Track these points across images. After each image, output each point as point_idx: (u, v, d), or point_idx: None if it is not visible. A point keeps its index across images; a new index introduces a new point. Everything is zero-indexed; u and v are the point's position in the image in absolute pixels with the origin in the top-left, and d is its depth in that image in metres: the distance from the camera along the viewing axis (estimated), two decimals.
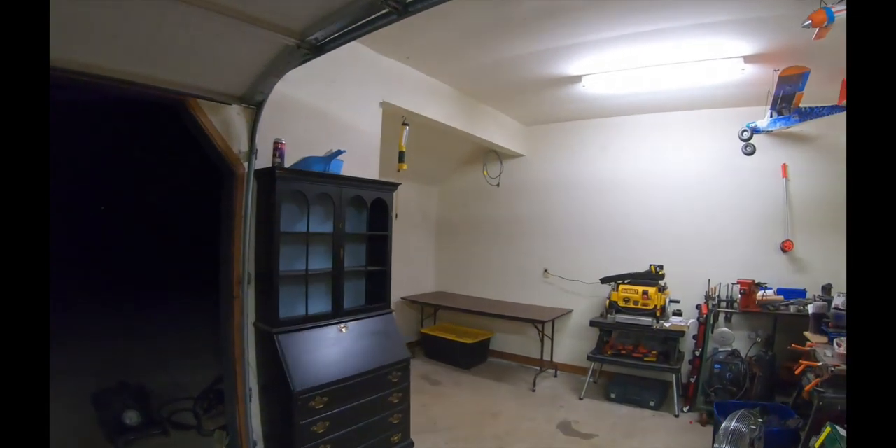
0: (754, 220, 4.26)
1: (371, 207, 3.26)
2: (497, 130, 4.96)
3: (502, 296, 5.50)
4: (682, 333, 3.94)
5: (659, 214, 4.64)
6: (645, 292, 4.05)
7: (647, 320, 4.01)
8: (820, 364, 2.59)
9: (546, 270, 5.23)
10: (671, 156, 4.63)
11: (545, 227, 5.31)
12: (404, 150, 3.76)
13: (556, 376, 4.89)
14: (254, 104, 2.69)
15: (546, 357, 4.93)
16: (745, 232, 4.28)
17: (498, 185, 5.25)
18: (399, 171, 3.75)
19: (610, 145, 4.95)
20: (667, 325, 4.00)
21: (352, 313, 3.05)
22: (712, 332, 3.94)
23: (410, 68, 3.81)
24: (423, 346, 5.49)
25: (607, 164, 4.96)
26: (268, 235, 2.71)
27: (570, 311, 4.98)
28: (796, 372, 2.86)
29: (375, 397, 2.90)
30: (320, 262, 3.00)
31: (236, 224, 2.70)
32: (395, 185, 3.32)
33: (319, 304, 2.97)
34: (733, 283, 4.04)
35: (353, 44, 3.42)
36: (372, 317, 3.15)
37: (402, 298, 5.45)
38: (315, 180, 2.85)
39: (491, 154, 5.14)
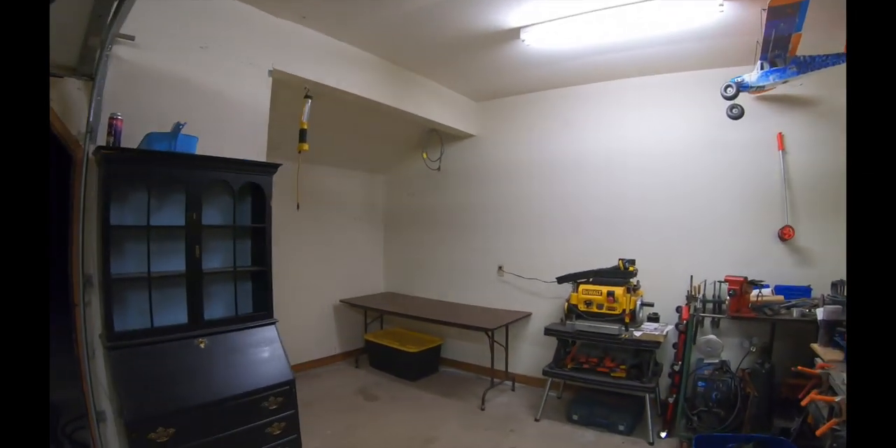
0: (746, 202, 3.50)
1: (242, 194, 2.66)
2: (440, 107, 4.27)
3: (455, 297, 4.80)
4: (657, 345, 3.22)
5: (631, 200, 3.90)
6: (610, 293, 3.33)
7: (613, 328, 3.29)
8: (838, 399, 1.86)
9: (500, 267, 4.53)
10: (644, 129, 3.88)
11: (499, 218, 4.59)
12: (306, 127, 3.10)
13: (513, 390, 4.19)
14: (91, 75, 2.25)
15: (501, 367, 4.25)
16: (735, 217, 3.53)
17: (438, 168, 4.53)
18: (300, 152, 3.08)
19: (574, 119, 4.20)
20: (638, 334, 3.28)
21: (217, 324, 2.45)
22: (695, 343, 3.23)
23: (309, 30, 3.15)
24: (369, 354, 4.82)
25: (570, 143, 4.22)
26: (100, 231, 2.16)
27: (528, 315, 4.27)
28: (802, 402, 2.14)
29: (247, 428, 2.30)
30: (178, 262, 2.38)
31: (74, 218, 2.26)
32: (273, 167, 2.68)
33: (174, 313, 2.36)
34: (721, 281, 3.30)
35: (234, 3, 2.75)
36: (246, 329, 2.54)
37: (341, 301, 4.81)
38: (159, 162, 2.27)
39: (431, 134, 4.43)
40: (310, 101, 3.10)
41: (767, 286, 3.19)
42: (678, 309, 3.47)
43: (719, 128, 3.47)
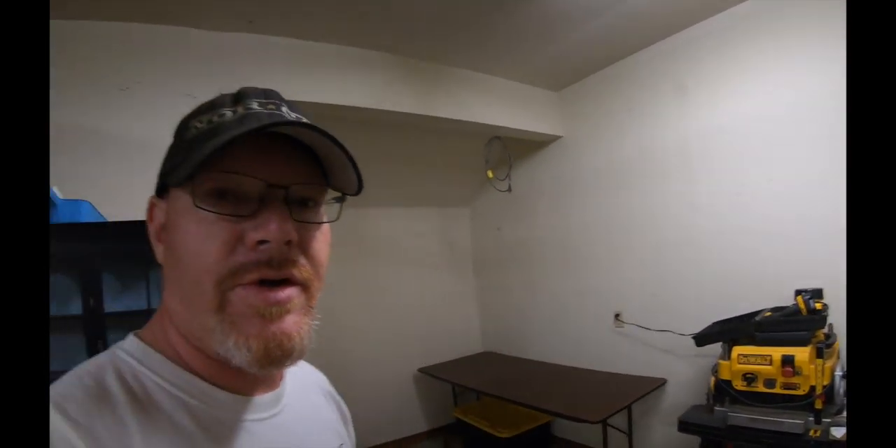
0: None
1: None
2: (500, 105, 3.23)
3: (563, 356, 3.52)
4: None
5: (807, 189, 2.31)
6: (787, 360, 1.84)
7: (795, 423, 1.80)
8: None
9: (617, 316, 3.16)
10: (829, 73, 2.24)
11: (608, 246, 3.26)
12: None
13: None
14: None
15: None
16: None
17: (509, 189, 3.38)
18: None
19: (690, 81, 2.79)
20: (839, 433, 1.71)
21: None
22: None
23: (265, 36, 2.46)
24: (460, 433, 3.76)
25: (689, 119, 2.79)
26: None
27: (661, 384, 2.84)
28: None
29: None
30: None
31: None
32: None
33: None
34: None
35: (157, 29, 2.17)
36: None
37: (418, 370, 3.86)
38: None
39: (494, 144, 3.32)
40: None
41: None
42: None
43: None
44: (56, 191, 1.78)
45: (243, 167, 0.43)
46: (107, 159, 2.07)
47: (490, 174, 3.33)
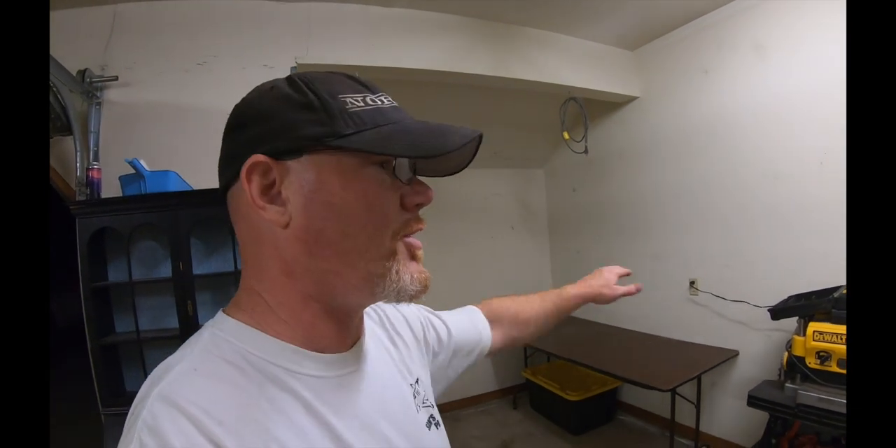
0: None
1: None
2: (574, 65, 3.07)
3: (636, 322, 3.44)
4: None
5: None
6: None
7: None
8: None
9: (693, 283, 3.00)
10: None
11: (685, 211, 3.06)
12: None
13: None
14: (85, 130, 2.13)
15: (692, 423, 2.80)
16: None
17: (585, 151, 3.23)
18: None
19: (769, 42, 2.50)
20: None
21: None
22: None
23: (340, 4, 2.49)
24: (529, 393, 3.85)
25: (768, 82, 2.52)
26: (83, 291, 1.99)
27: (733, 355, 2.69)
28: None
29: None
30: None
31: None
32: None
33: None
34: None
35: (232, 3, 2.34)
36: None
37: None
38: (127, 208, 2.00)
39: (568, 105, 3.18)
40: None
41: None
42: None
43: None
44: (143, 163, 1.98)
45: None
46: (189, 131, 2.24)
47: (566, 135, 3.20)
